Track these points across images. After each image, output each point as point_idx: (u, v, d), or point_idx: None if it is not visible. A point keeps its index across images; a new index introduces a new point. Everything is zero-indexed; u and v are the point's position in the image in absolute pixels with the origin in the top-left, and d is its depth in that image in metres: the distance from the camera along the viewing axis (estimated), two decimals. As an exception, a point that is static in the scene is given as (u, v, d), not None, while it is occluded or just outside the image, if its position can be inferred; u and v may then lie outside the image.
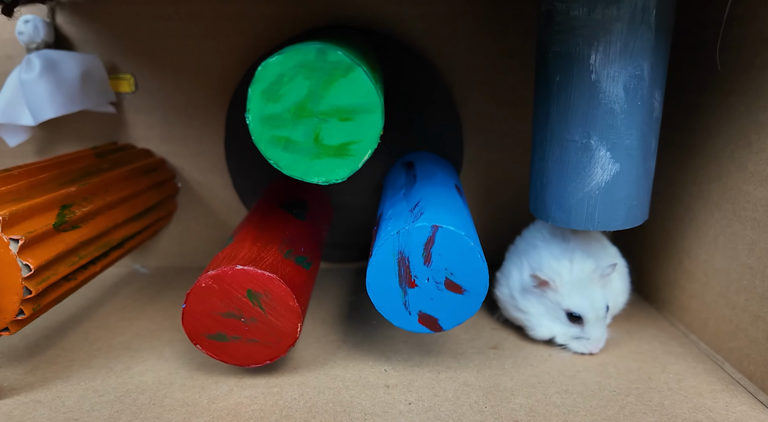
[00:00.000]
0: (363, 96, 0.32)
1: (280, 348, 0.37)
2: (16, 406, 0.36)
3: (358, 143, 0.33)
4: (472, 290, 0.36)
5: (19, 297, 0.34)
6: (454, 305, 0.36)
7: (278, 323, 0.36)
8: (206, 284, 0.36)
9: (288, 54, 0.32)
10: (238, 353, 0.37)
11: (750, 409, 0.36)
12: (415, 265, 0.35)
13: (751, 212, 0.38)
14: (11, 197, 0.37)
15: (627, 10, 0.34)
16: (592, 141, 0.37)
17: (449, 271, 0.35)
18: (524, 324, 0.43)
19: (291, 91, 0.32)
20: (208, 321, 0.36)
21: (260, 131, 0.33)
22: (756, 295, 0.38)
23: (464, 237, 0.35)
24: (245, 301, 0.36)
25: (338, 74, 0.32)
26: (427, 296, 0.36)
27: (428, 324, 0.37)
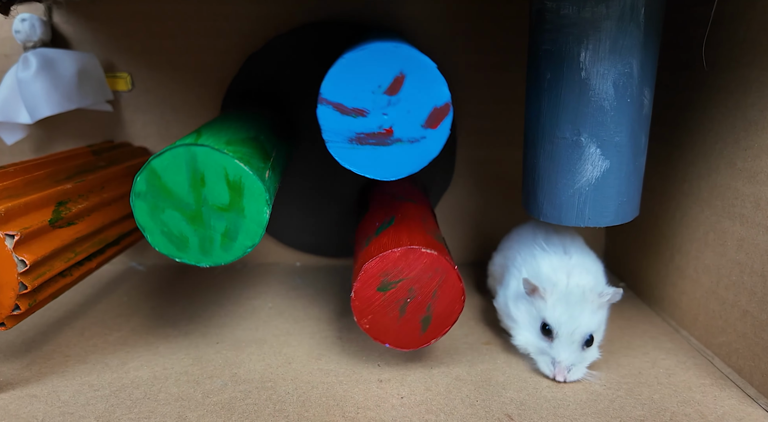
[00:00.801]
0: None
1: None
2: (11, 400, 0.36)
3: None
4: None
5: (14, 293, 0.35)
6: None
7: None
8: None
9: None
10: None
11: (738, 403, 0.36)
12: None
13: (739, 209, 0.38)
14: (7, 193, 0.37)
15: (616, 8, 0.34)
16: (582, 138, 0.37)
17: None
18: (510, 332, 0.42)
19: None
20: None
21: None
22: (744, 290, 0.38)
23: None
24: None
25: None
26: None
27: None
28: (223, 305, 0.51)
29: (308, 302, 0.51)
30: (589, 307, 0.38)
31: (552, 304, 0.38)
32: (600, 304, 0.39)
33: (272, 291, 0.54)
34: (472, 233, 0.60)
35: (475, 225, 0.60)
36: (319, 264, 0.60)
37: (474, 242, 0.61)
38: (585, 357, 0.38)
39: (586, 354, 0.38)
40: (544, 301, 0.39)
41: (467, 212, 0.59)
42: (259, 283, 0.56)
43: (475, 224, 0.60)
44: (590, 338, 0.38)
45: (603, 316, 0.39)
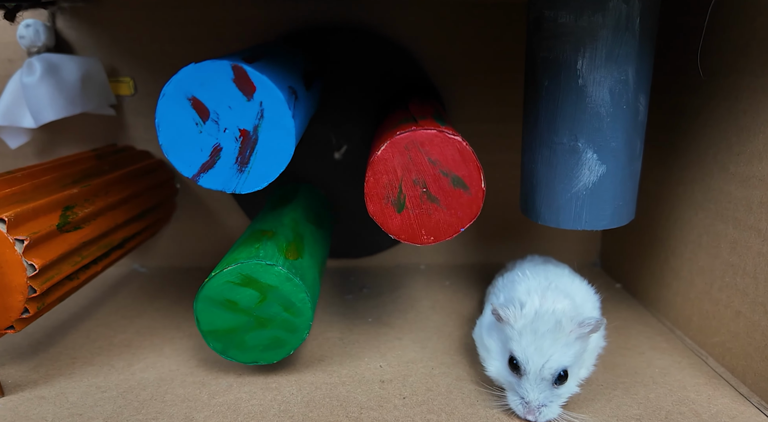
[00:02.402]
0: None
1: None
2: (20, 402, 0.37)
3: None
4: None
5: (24, 296, 0.35)
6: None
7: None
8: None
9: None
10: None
11: (731, 401, 0.37)
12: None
13: (732, 212, 0.39)
14: (16, 198, 0.38)
15: (612, 17, 0.35)
16: (579, 144, 0.38)
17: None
18: (482, 363, 0.38)
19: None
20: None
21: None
22: (737, 292, 0.39)
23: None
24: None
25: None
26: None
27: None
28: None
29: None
30: (563, 338, 0.33)
31: (519, 332, 0.34)
32: (579, 335, 0.34)
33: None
34: (470, 234, 0.61)
35: (473, 228, 0.61)
36: (319, 266, 0.61)
37: (472, 245, 0.61)
38: (559, 393, 0.34)
39: (560, 391, 0.34)
40: (512, 329, 0.35)
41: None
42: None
43: (472, 227, 0.61)
44: (563, 373, 0.34)
45: (582, 348, 0.35)
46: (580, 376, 0.36)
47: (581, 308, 0.37)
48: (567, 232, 0.60)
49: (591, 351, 0.37)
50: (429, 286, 0.56)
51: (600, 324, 0.34)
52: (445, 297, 0.54)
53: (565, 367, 0.34)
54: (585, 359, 0.36)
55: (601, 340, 0.39)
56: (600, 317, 0.35)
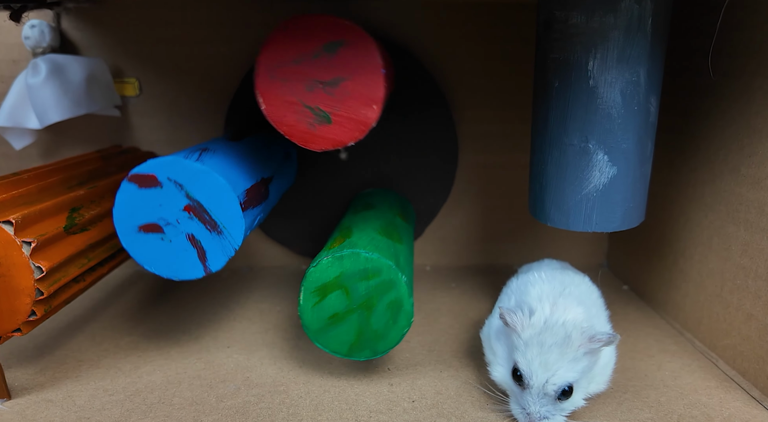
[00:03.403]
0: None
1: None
2: (28, 405, 0.37)
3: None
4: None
5: (31, 299, 0.35)
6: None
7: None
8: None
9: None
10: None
11: (743, 405, 0.37)
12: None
13: (744, 214, 0.39)
14: (22, 200, 0.37)
15: (624, 18, 0.35)
16: (590, 145, 0.38)
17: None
18: (487, 366, 0.38)
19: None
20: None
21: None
22: (749, 294, 0.39)
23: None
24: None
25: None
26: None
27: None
28: (232, 310, 0.51)
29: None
30: (570, 353, 0.32)
31: (525, 343, 0.33)
32: (588, 350, 0.33)
33: (279, 295, 0.54)
34: (477, 236, 0.61)
35: (479, 229, 0.60)
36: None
37: (478, 246, 0.61)
38: (562, 407, 0.33)
39: (564, 405, 0.33)
40: (518, 338, 0.34)
41: (471, 216, 0.60)
42: (266, 287, 0.56)
43: (479, 229, 0.60)
44: (568, 389, 0.33)
45: (591, 363, 0.34)
46: (589, 390, 0.35)
47: (594, 320, 0.35)
48: (574, 233, 0.60)
49: (603, 366, 0.35)
50: (435, 288, 0.56)
51: (612, 339, 0.32)
52: (451, 299, 0.53)
53: (570, 383, 0.33)
54: (595, 374, 0.35)
55: (613, 356, 0.37)
56: (612, 332, 0.34)
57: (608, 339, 0.32)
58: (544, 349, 0.32)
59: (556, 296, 0.35)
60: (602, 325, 0.37)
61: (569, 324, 0.33)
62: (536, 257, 0.59)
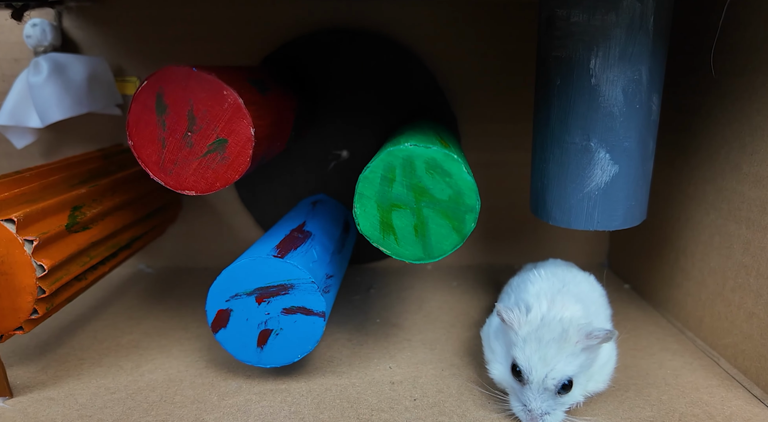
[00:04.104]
0: (436, 246, 0.36)
1: (160, 172, 0.35)
2: (30, 403, 0.37)
3: (394, 243, 0.36)
4: (265, 355, 0.38)
5: (33, 297, 0.35)
6: (243, 341, 0.38)
7: (192, 175, 0.35)
8: (226, 95, 0.34)
9: (467, 182, 0.35)
10: (143, 128, 0.35)
11: (745, 403, 0.37)
12: (281, 300, 0.37)
13: (745, 212, 0.39)
14: (25, 198, 0.37)
15: (626, 16, 0.35)
16: (591, 143, 0.38)
17: (279, 332, 0.37)
18: (486, 365, 0.38)
19: (437, 184, 0.35)
20: (179, 93, 0.34)
21: (396, 157, 0.35)
22: (751, 292, 0.39)
23: (315, 341, 0.38)
24: (212, 137, 0.34)
25: (453, 225, 0.35)
26: (248, 314, 0.37)
27: (217, 319, 0.38)
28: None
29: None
30: (568, 348, 0.32)
31: (523, 339, 0.33)
32: (586, 346, 0.33)
33: (281, 294, 0.54)
34: (478, 235, 0.61)
35: (481, 228, 0.60)
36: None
37: (480, 244, 0.61)
38: (563, 401, 0.33)
39: (564, 399, 0.33)
40: (516, 335, 0.34)
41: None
42: (267, 285, 0.56)
43: (480, 227, 0.60)
44: (567, 383, 0.33)
45: (590, 359, 0.34)
46: (588, 389, 0.35)
47: (593, 317, 0.35)
48: (575, 232, 0.60)
49: (602, 365, 0.35)
50: (436, 287, 0.56)
51: (610, 335, 0.32)
52: (453, 298, 0.53)
53: (570, 377, 0.33)
54: (594, 372, 0.35)
55: (613, 356, 0.37)
56: (610, 328, 0.34)
57: (606, 335, 0.32)
58: (542, 344, 0.33)
59: (554, 293, 0.36)
60: (602, 323, 0.37)
61: (566, 321, 0.33)
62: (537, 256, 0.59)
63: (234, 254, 0.61)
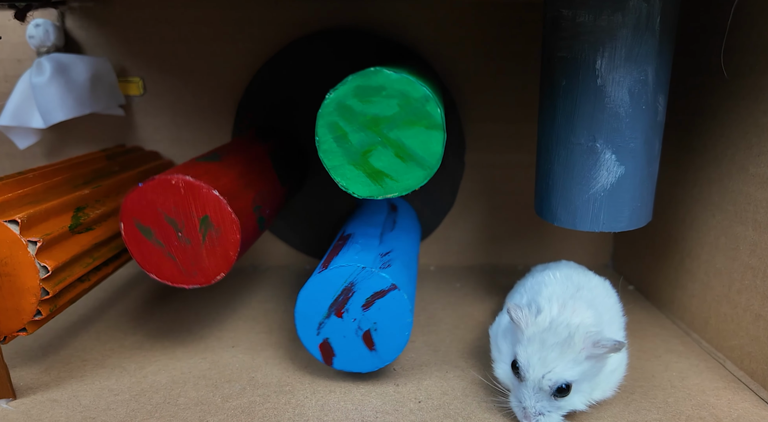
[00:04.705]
0: (427, 154, 0.34)
1: (189, 279, 0.37)
2: (33, 405, 0.37)
3: (393, 181, 0.35)
4: (382, 352, 0.37)
5: (36, 298, 0.35)
6: (357, 355, 0.38)
7: (207, 260, 0.36)
8: (176, 183, 0.35)
9: (400, 78, 0.33)
10: (150, 257, 0.37)
11: (752, 406, 0.36)
12: (353, 301, 0.36)
13: (752, 214, 0.39)
14: (28, 199, 0.37)
15: (632, 16, 0.35)
16: (597, 144, 0.37)
17: (376, 326, 0.37)
18: (492, 363, 0.38)
19: (379, 104, 0.33)
20: (148, 212, 0.36)
21: (329, 112, 0.34)
22: (757, 294, 0.38)
23: (408, 311, 0.36)
24: (195, 222, 0.35)
25: (423, 124, 0.34)
26: (342, 331, 0.37)
27: (324, 353, 0.38)
28: (236, 309, 0.51)
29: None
30: (571, 354, 0.32)
31: (528, 339, 0.33)
32: (591, 354, 0.32)
33: (284, 294, 0.54)
34: (481, 235, 0.60)
35: (485, 229, 0.60)
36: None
37: (483, 245, 0.61)
38: (559, 405, 0.33)
39: (561, 403, 0.33)
40: (522, 334, 0.34)
41: (476, 216, 0.59)
42: (270, 286, 0.56)
43: (484, 228, 0.60)
44: (565, 387, 0.32)
45: (595, 368, 0.33)
46: (593, 397, 0.34)
47: (605, 325, 0.35)
48: (578, 233, 0.60)
49: (609, 373, 0.35)
50: (439, 288, 0.56)
51: (618, 346, 0.32)
52: (456, 299, 0.53)
53: (567, 382, 0.32)
54: (600, 381, 0.34)
55: (623, 364, 0.36)
56: (620, 340, 0.33)
57: (613, 345, 0.32)
58: (545, 346, 0.32)
59: (566, 297, 0.35)
60: (614, 331, 0.36)
61: (573, 326, 0.33)
62: (541, 257, 0.59)
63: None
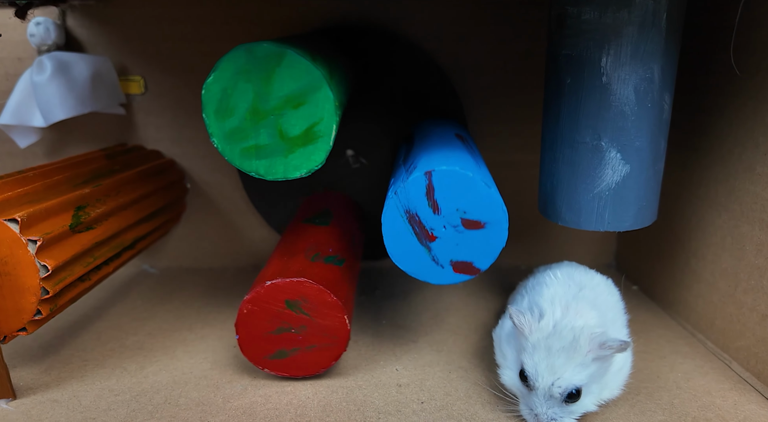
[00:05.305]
0: (304, 76, 0.32)
1: (338, 345, 0.38)
2: (33, 405, 0.36)
3: (320, 123, 0.33)
4: (492, 220, 0.34)
5: (36, 298, 0.35)
6: (481, 242, 0.35)
7: (326, 322, 0.37)
8: (247, 309, 0.37)
9: (222, 66, 0.32)
10: (303, 363, 0.38)
11: (759, 407, 0.36)
12: (425, 217, 0.34)
13: (759, 213, 0.38)
14: (28, 198, 0.37)
15: (638, 14, 0.35)
16: (602, 143, 0.37)
17: (461, 210, 0.34)
18: (497, 369, 0.37)
19: (239, 100, 0.33)
20: (264, 344, 0.38)
21: (229, 149, 0.33)
22: (764, 295, 0.38)
23: (459, 171, 0.33)
24: (288, 312, 0.37)
25: (272, 65, 0.32)
26: (452, 243, 0.35)
27: (465, 270, 0.35)
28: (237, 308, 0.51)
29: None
30: (578, 357, 0.32)
31: (533, 346, 0.33)
32: (598, 356, 0.32)
33: (286, 294, 0.54)
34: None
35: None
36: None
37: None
38: (572, 410, 0.33)
39: (572, 408, 0.33)
40: (526, 340, 0.33)
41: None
42: (272, 286, 0.56)
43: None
44: (575, 392, 0.32)
45: (602, 369, 0.33)
46: (601, 397, 0.34)
47: (609, 324, 0.35)
48: (581, 233, 0.59)
49: (616, 372, 0.34)
50: (442, 288, 0.55)
51: (624, 346, 0.31)
52: (459, 299, 0.53)
53: (577, 387, 0.32)
54: (608, 380, 0.34)
55: (628, 362, 0.36)
56: (626, 339, 0.33)
57: (620, 346, 0.31)
58: (552, 353, 0.32)
59: (569, 299, 0.35)
60: (617, 331, 0.36)
61: (578, 329, 0.32)
62: (544, 257, 0.59)
63: (239, 255, 0.61)
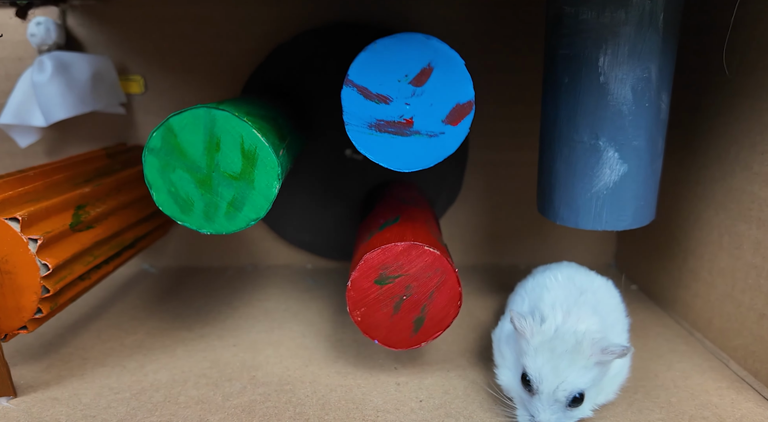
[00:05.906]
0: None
1: (446, 272, 0.36)
2: (34, 403, 0.36)
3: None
4: (434, 59, 0.33)
5: (37, 296, 0.35)
6: (442, 84, 0.33)
7: (418, 264, 0.36)
8: (361, 314, 0.36)
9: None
10: (440, 311, 0.36)
11: (756, 406, 0.36)
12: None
13: (756, 212, 0.39)
14: (29, 197, 0.37)
15: (635, 13, 0.35)
16: (600, 142, 0.37)
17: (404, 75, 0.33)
18: (495, 369, 0.37)
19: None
20: (400, 327, 0.37)
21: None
22: (761, 293, 0.38)
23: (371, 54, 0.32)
24: (387, 287, 0.36)
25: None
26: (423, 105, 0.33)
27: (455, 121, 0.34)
28: (237, 308, 0.51)
29: (322, 305, 0.51)
30: (581, 361, 0.31)
31: (535, 349, 0.32)
32: (600, 360, 0.32)
33: (285, 293, 0.54)
34: (483, 234, 0.60)
35: (486, 228, 0.60)
36: (329, 266, 0.61)
37: (485, 244, 0.61)
38: (572, 415, 0.32)
39: (573, 413, 0.32)
40: (527, 344, 0.33)
41: (478, 213, 0.59)
42: (271, 285, 0.56)
43: (486, 226, 0.60)
44: (579, 396, 0.32)
45: (602, 373, 0.33)
46: (597, 401, 0.34)
47: (609, 329, 0.34)
48: (580, 232, 0.59)
49: (612, 377, 0.34)
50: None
51: (626, 351, 0.31)
52: (458, 298, 0.53)
53: (581, 390, 0.32)
54: (604, 385, 0.34)
55: (626, 367, 0.36)
56: (627, 344, 0.32)
57: (621, 351, 0.31)
58: (555, 355, 0.32)
59: (570, 303, 0.35)
60: (618, 335, 0.36)
61: (580, 333, 0.32)
62: (543, 256, 0.59)
63: (238, 255, 0.61)
